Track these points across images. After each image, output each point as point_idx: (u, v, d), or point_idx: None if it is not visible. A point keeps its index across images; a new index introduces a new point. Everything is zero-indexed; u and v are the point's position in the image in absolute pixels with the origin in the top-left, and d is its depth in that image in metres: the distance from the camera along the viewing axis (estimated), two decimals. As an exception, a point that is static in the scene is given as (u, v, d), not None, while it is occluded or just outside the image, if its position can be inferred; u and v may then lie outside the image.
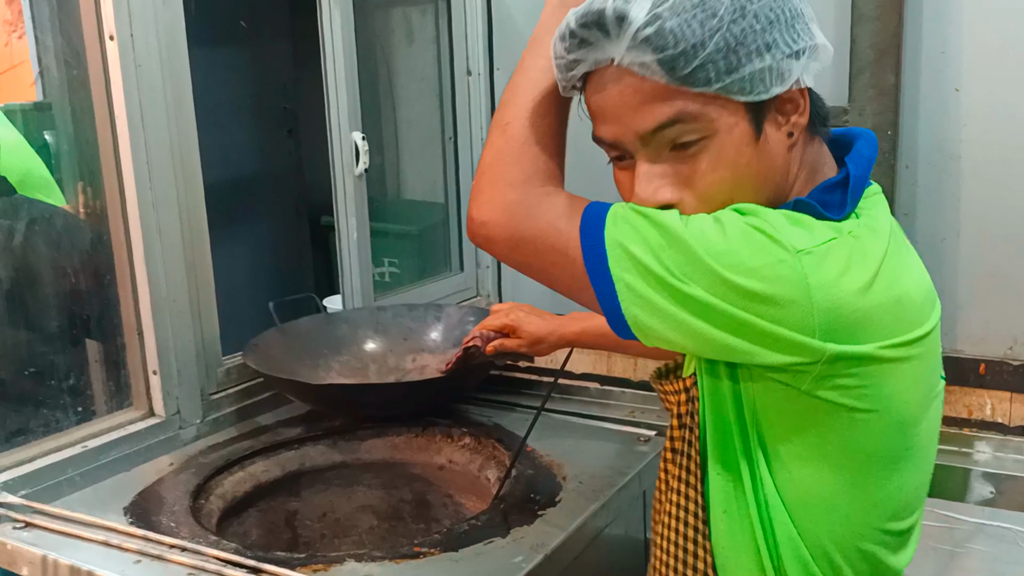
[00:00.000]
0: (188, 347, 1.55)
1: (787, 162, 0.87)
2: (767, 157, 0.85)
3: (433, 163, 2.29)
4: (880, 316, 0.82)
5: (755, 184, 0.85)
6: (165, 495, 1.32)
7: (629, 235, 0.82)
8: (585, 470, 1.38)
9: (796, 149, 0.88)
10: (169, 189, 1.50)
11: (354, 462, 1.56)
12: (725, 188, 0.84)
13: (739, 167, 0.83)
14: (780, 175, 0.87)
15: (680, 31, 0.78)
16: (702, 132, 0.82)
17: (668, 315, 0.80)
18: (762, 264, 0.78)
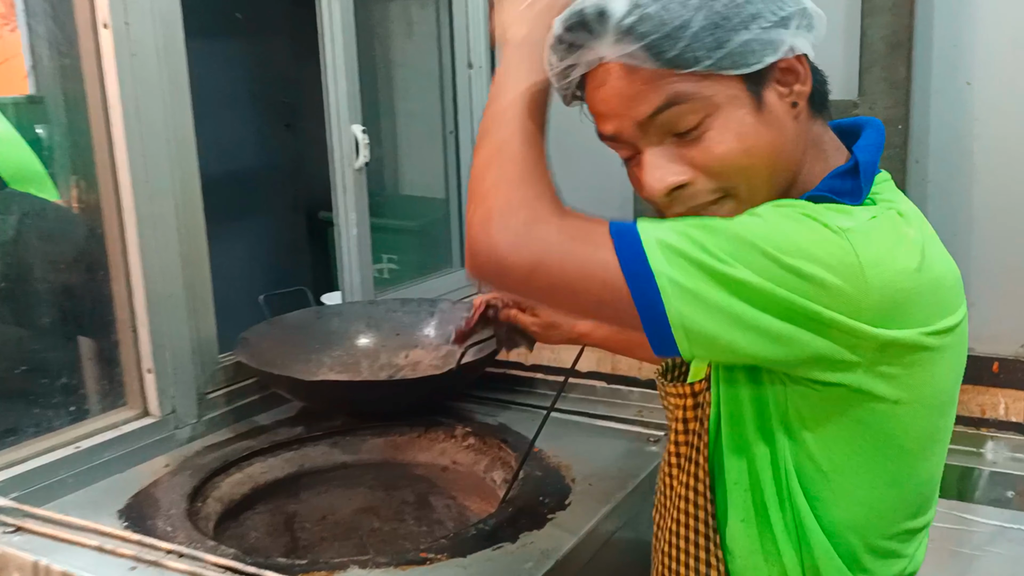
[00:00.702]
0: (184, 344, 1.50)
1: (796, 133, 0.84)
2: (774, 127, 0.82)
3: (433, 158, 2.25)
4: (924, 299, 0.79)
5: (767, 156, 0.82)
6: (161, 497, 1.28)
7: (667, 231, 0.77)
8: (594, 472, 1.34)
9: (802, 120, 0.85)
10: (165, 182, 1.45)
11: (355, 462, 1.52)
12: (735, 161, 0.82)
13: (746, 138, 0.81)
14: (791, 146, 0.84)
15: (662, 14, 0.78)
16: (702, 111, 0.80)
17: (715, 306, 0.75)
18: (810, 242, 0.76)
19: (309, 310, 1.78)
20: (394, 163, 2.41)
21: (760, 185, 0.83)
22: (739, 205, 0.84)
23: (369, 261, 1.88)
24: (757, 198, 0.83)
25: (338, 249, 1.86)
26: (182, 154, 1.49)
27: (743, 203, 0.83)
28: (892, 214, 0.82)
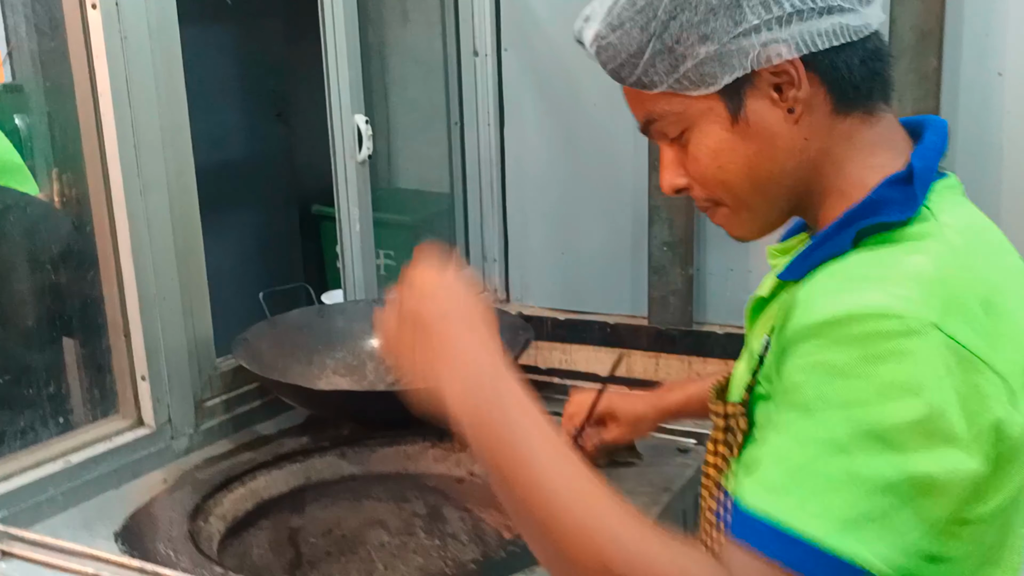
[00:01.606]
0: (180, 349, 1.40)
1: (794, 140, 0.78)
2: (757, 138, 0.79)
3: (434, 150, 2.15)
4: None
5: (744, 169, 0.80)
6: (160, 517, 1.18)
7: (809, 505, 0.65)
8: (624, 485, 1.25)
9: (806, 126, 0.78)
10: (158, 174, 1.35)
11: (364, 474, 1.43)
12: (711, 175, 0.81)
13: (720, 154, 0.80)
14: (783, 155, 0.79)
15: (617, 45, 0.79)
16: (680, 125, 0.81)
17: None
18: (905, 376, 0.66)
19: (311, 309, 1.69)
20: (385, 155, 2.31)
21: (747, 196, 0.81)
22: (732, 214, 0.83)
23: (372, 258, 1.79)
24: (750, 208, 0.82)
25: (340, 245, 1.76)
26: (176, 144, 1.39)
27: (735, 211, 0.83)
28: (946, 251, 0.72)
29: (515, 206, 2.09)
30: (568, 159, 2.01)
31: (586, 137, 1.98)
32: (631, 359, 1.88)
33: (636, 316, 1.99)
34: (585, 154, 1.99)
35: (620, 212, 1.96)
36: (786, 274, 0.80)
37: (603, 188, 1.98)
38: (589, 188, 2.00)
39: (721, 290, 1.94)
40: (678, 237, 1.86)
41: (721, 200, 0.83)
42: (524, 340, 1.49)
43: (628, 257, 1.99)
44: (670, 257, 1.89)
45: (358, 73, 1.69)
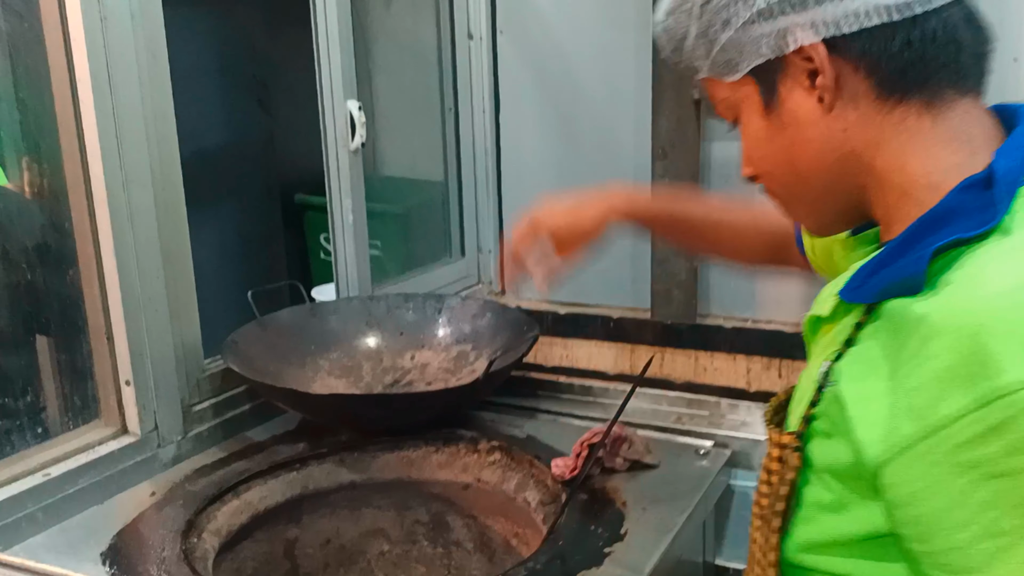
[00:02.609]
0: (166, 352, 1.32)
1: (830, 131, 0.73)
2: (791, 128, 0.74)
3: (426, 137, 2.07)
4: None
5: (783, 161, 0.76)
6: (150, 535, 1.09)
7: None
8: (645, 493, 1.19)
9: (844, 115, 0.72)
10: (142, 165, 1.26)
11: (364, 482, 1.35)
12: (756, 165, 0.79)
13: (759, 144, 0.78)
14: (825, 147, 0.73)
15: (670, 30, 0.79)
16: (730, 111, 0.79)
17: None
18: None
19: (302, 307, 1.60)
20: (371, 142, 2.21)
21: (794, 189, 0.78)
22: (786, 206, 0.81)
23: (366, 252, 1.70)
24: (801, 202, 0.79)
25: (332, 239, 1.67)
26: (161, 134, 1.30)
27: (788, 205, 0.81)
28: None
29: (511, 195, 2.01)
30: (566, 146, 1.93)
31: (585, 123, 1.91)
32: (635, 354, 1.82)
33: (637, 309, 1.92)
34: (584, 141, 1.91)
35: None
36: (849, 294, 0.72)
37: (603, 176, 1.91)
38: (588, 176, 1.92)
39: (725, 282, 1.88)
40: (682, 228, 1.80)
41: (774, 191, 0.80)
42: (531, 337, 1.41)
43: (629, 248, 1.92)
44: (673, 248, 1.82)
45: (350, 57, 1.60)
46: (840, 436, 0.68)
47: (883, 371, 0.65)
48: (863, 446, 0.64)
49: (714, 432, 1.37)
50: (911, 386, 0.62)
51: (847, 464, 0.67)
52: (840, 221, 0.79)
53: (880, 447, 0.63)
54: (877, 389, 0.65)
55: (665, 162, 1.76)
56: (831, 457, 0.70)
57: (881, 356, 0.66)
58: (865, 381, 0.66)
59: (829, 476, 0.71)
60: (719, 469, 1.27)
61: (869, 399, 0.65)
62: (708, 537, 1.35)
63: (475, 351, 1.58)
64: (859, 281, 0.71)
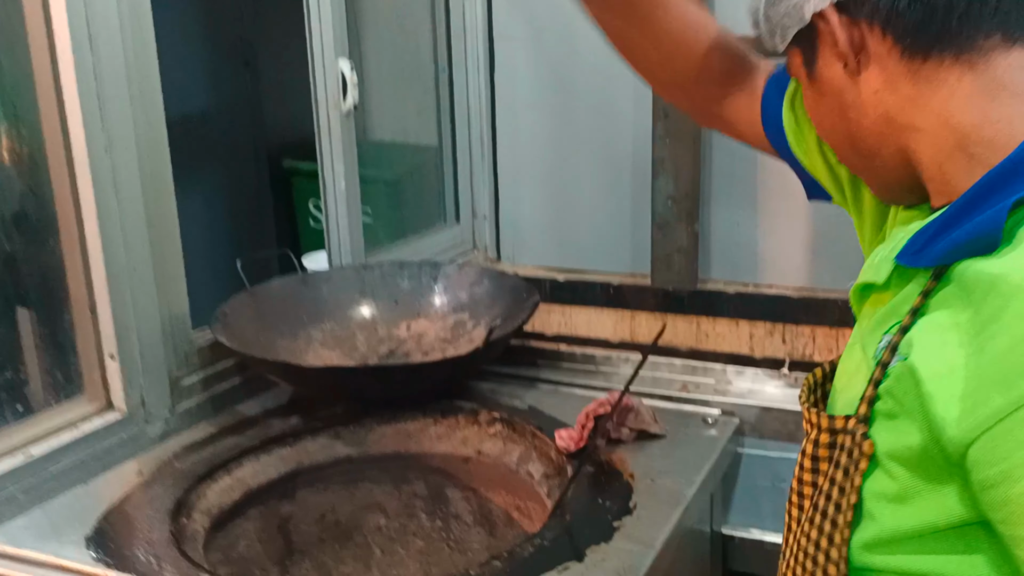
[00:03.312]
0: (153, 324, 1.26)
1: (862, 94, 0.70)
2: (829, 94, 0.74)
3: (418, 99, 2.00)
4: None
5: (835, 130, 0.76)
6: (137, 517, 1.05)
7: None
8: (652, 465, 1.15)
9: (872, 77, 0.69)
10: (126, 128, 1.20)
11: (360, 456, 1.31)
12: (822, 130, 0.79)
13: (811, 111, 0.78)
14: (860, 110, 0.71)
15: (752, 12, 0.77)
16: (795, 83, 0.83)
17: None
18: None
19: (294, 277, 1.54)
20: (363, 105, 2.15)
21: (849, 156, 0.77)
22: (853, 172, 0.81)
23: (359, 219, 1.64)
24: (858, 169, 0.78)
25: (324, 205, 1.61)
26: (145, 95, 1.24)
27: (853, 170, 0.80)
28: None
29: (506, 158, 1.95)
30: (564, 107, 1.87)
31: (584, 83, 1.84)
32: (635, 321, 1.77)
33: (636, 275, 1.87)
34: (583, 102, 1.85)
35: (620, 164, 1.84)
36: (911, 258, 0.66)
37: (602, 138, 1.85)
38: (587, 138, 1.87)
39: (726, 246, 1.83)
40: (683, 191, 1.74)
41: (839, 158, 0.81)
42: (531, 304, 1.36)
43: (629, 213, 1.87)
44: (675, 213, 1.77)
45: (342, 12, 1.53)
46: (908, 416, 0.62)
47: (961, 339, 0.59)
48: (943, 424, 0.58)
49: (721, 400, 1.33)
50: (995, 353, 0.56)
51: (917, 447, 0.61)
52: (904, 189, 0.74)
53: (964, 424, 0.57)
54: (956, 360, 0.59)
55: (666, 122, 1.70)
56: (897, 441, 0.63)
57: (957, 324, 0.60)
58: (941, 352, 0.60)
59: (893, 463, 0.64)
60: (728, 437, 1.23)
61: (947, 372, 0.59)
62: (716, 506, 1.32)
63: (473, 320, 1.53)
64: (920, 244, 0.66)
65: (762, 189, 1.77)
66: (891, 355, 0.65)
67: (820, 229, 1.72)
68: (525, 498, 1.29)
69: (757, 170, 1.76)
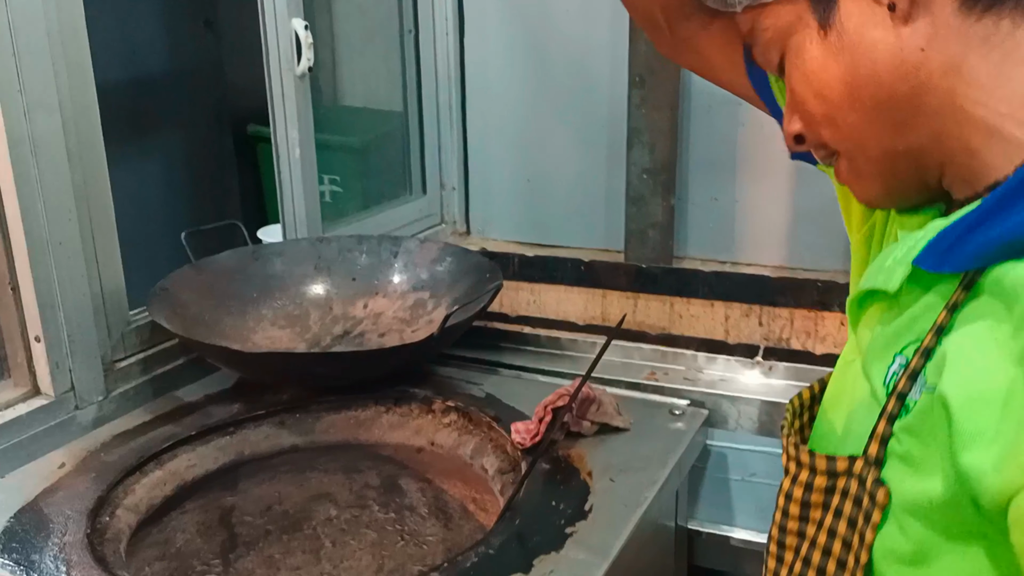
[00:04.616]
0: (83, 303, 1.18)
1: (904, 50, 0.55)
2: (854, 50, 0.57)
3: (384, 62, 1.90)
4: None
5: (854, 91, 0.57)
6: (53, 515, 0.97)
7: None
8: (613, 461, 1.07)
9: (921, 29, 0.55)
10: (47, 91, 1.10)
11: (307, 445, 1.23)
12: (818, 105, 0.60)
13: (814, 76, 0.59)
14: (898, 72, 0.56)
15: None
16: (775, 48, 0.62)
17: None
18: None
19: (243, 250, 1.45)
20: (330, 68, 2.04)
21: (858, 137, 0.60)
22: (850, 165, 0.62)
23: (315, 189, 1.55)
24: (867, 154, 0.60)
25: (278, 174, 1.52)
26: (72, 54, 1.14)
27: (852, 161, 0.62)
28: None
29: (476, 127, 1.86)
30: (536, 74, 1.78)
31: (557, 49, 1.75)
32: (606, 300, 1.70)
33: (610, 250, 1.80)
34: (556, 68, 1.76)
35: (595, 135, 1.75)
36: (935, 261, 0.54)
37: (576, 107, 1.76)
38: (560, 107, 1.78)
39: (704, 222, 1.76)
40: (660, 163, 1.66)
41: (832, 145, 0.62)
42: (492, 289, 1.28)
43: (603, 185, 1.78)
44: (651, 186, 1.69)
45: (294, -31, 1.43)
46: (934, 462, 0.52)
47: (1002, 362, 0.48)
48: (980, 470, 0.48)
49: (690, 389, 1.26)
50: None
51: (939, 499, 0.51)
52: (911, 185, 0.61)
53: (1009, 470, 0.46)
54: (996, 388, 0.48)
55: (642, 90, 1.62)
56: (917, 491, 0.53)
57: (994, 343, 0.49)
58: (978, 379, 0.49)
59: (908, 516, 0.54)
60: (696, 431, 1.16)
61: (985, 403, 0.48)
62: (681, 501, 1.25)
63: (433, 299, 1.44)
64: (946, 245, 0.54)
65: (742, 163, 1.69)
66: (909, 383, 0.54)
67: (801, 206, 1.65)
68: (481, 491, 1.22)
69: (737, 142, 1.68)
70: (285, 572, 1.33)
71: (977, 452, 0.48)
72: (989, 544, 0.50)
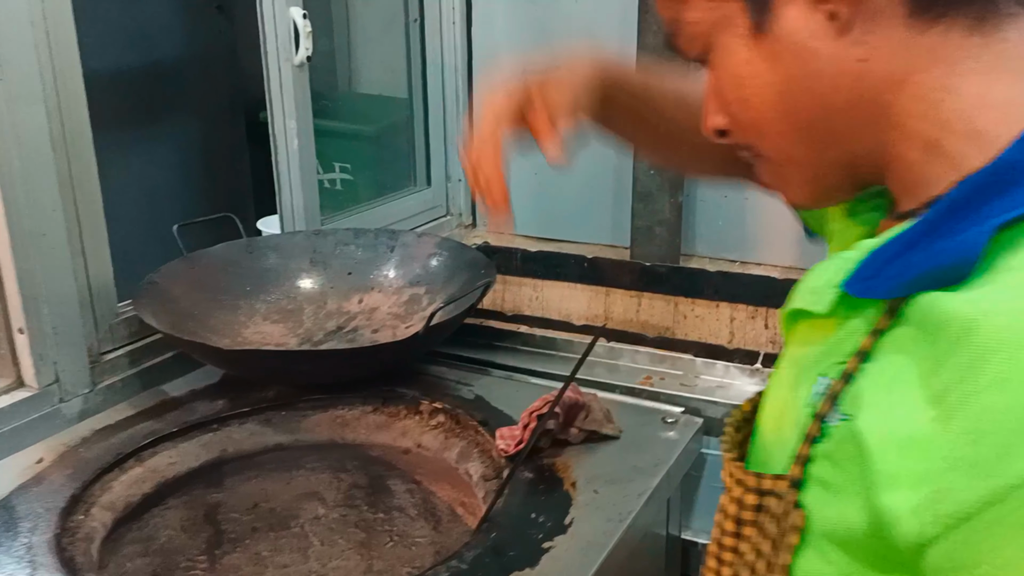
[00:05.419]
0: (68, 294, 1.16)
1: (842, 61, 0.52)
2: (789, 57, 0.54)
3: (392, 51, 1.87)
4: None
5: (786, 100, 0.55)
6: (23, 513, 0.95)
7: None
8: (599, 471, 1.04)
9: (862, 39, 0.52)
10: (30, 79, 1.08)
11: (292, 444, 1.21)
12: (744, 110, 0.57)
13: (744, 81, 0.56)
14: (834, 83, 0.53)
15: None
16: (698, 40, 0.58)
17: None
18: None
19: (238, 243, 1.43)
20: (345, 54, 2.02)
21: (787, 145, 0.57)
22: (774, 169, 0.60)
23: (314, 180, 1.53)
24: (795, 161, 0.58)
25: (275, 165, 1.50)
26: (55, 40, 1.12)
27: (778, 166, 0.60)
28: None
29: (483, 119, 1.83)
30: (545, 64, 1.74)
31: (567, 38, 1.71)
32: (610, 299, 1.66)
33: (617, 246, 1.76)
34: (564, 60, 1.72)
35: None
36: (861, 286, 0.52)
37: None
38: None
39: (712, 220, 1.72)
40: (668, 160, 1.62)
41: (757, 149, 0.60)
42: (482, 285, 1.25)
43: (610, 181, 1.75)
44: (658, 182, 1.65)
45: (290, -44, 1.40)
46: (852, 493, 0.49)
47: (923, 401, 0.45)
48: (894, 516, 0.46)
49: (686, 396, 1.22)
50: (966, 426, 0.43)
51: (860, 532, 0.49)
52: (844, 189, 0.60)
53: (923, 518, 0.44)
54: (914, 429, 0.45)
55: (650, 86, 1.57)
56: (836, 519, 0.51)
57: (916, 378, 0.46)
58: (896, 416, 0.47)
59: (829, 544, 0.52)
60: (688, 440, 1.12)
61: (902, 445, 0.46)
62: (674, 510, 1.21)
63: (429, 295, 1.42)
64: (874, 268, 0.51)
65: (753, 160, 1.65)
66: (830, 406, 0.52)
67: (813, 206, 1.60)
68: (469, 495, 1.19)
69: (748, 139, 1.63)
70: (273, 570, 1.31)
71: (894, 495, 0.45)
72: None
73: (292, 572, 1.32)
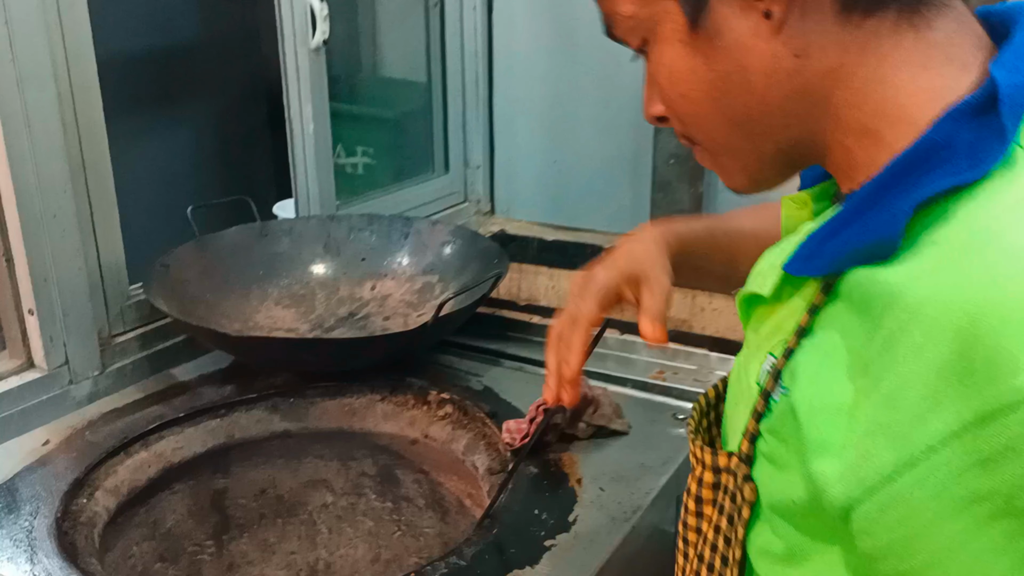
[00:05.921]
0: (78, 276, 1.16)
1: (777, 58, 0.53)
2: (724, 55, 0.55)
3: (409, 37, 1.85)
4: None
5: (722, 97, 0.56)
6: (26, 497, 0.95)
7: None
8: (606, 468, 1.02)
9: (796, 37, 0.52)
10: (41, 63, 1.08)
11: (299, 431, 1.20)
12: (682, 103, 0.58)
13: (680, 76, 0.57)
14: (770, 80, 0.54)
15: None
16: (636, 33, 0.59)
17: None
18: None
19: (251, 226, 1.43)
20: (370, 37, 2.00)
21: (723, 137, 0.58)
22: (711, 157, 0.62)
23: (330, 164, 1.52)
24: (731, 152, 0.59)
25: (291, 150, 1.49)
26: (68, 22, 1.11)
27: (714, 155, 0.61)
28: None
29: (502, 105, 1.81)
30: (565, 52, 1.72)
31: (586, 27, 1.67)
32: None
33: (637, 237, 1.73)
34: (584, 47, 1.70)
35: (622, 117, 1.69)
36: (798, 266, 0.54)
37: (604, 88, 1.70)
38: (588, 88, 1.71)
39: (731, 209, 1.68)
40: (687, 149, 1.59)
41: (694, 138, 0.61)
42: (493, 275, 1.23)
43: (629, 170, 1.72)
44: (677, 172, 1.62)
45: (307, -62, 1.38)
46: (792, 464, 0.52)
47: (850, 371, 0.48)
48: (824, 481, 0.48)
49: (699, 391, 1.19)
50: (885, 393, 0.45)
51: (802, 501, 0.51)
52: (779, 175, 0.61)
53: (848, 483, 0.46)
54: (841, 399, 0.48)
55: (672, 74, 1.55)
56: (781, 492, 0.53)
57: (845, 350, 0.49)
58: (825, 387, 0.49)
59: (777, 516, 0.55)
60: (699, 438, 1.10)
61: (830, 414, 0.48)
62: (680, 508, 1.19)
63: (441, 283, 1.41)
64: (812, 249, 0.53)
65: (776, 151, 1.62)
66: (774, 382, 0.54)
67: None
68: (475, 487, 1.18)
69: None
70: (280, 556, 1.31)
71: (823, 461, 0.48)
72: (844, 550, 0.50)
73: (299, 559, 1.32)
